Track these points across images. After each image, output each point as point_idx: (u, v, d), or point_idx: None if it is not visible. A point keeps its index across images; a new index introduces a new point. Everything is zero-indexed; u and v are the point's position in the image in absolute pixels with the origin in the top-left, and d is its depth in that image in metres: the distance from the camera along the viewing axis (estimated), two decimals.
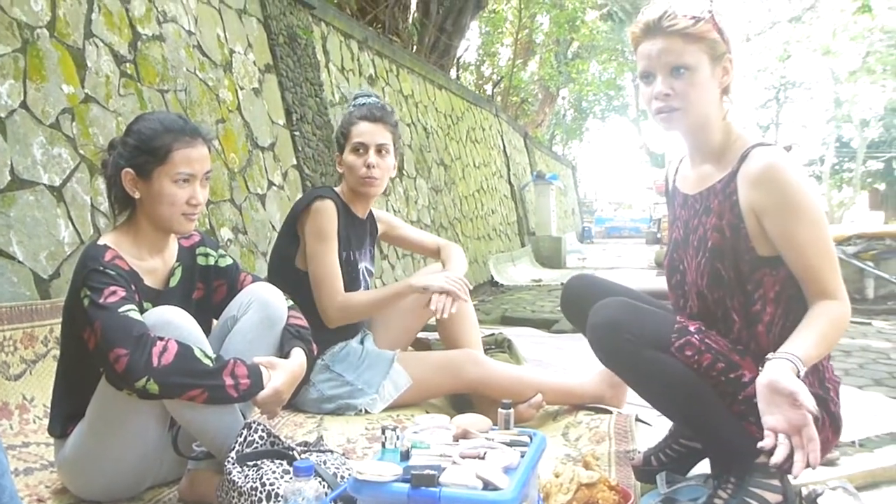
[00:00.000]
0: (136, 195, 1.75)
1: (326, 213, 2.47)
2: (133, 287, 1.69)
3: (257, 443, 1.63)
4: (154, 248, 1.81)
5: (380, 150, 2.56)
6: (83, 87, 3.04)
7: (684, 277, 1.77)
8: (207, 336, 1.75)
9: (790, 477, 1.51)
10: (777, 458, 1.40)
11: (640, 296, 1.85)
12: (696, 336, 1.62)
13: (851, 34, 23.54)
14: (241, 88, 4.36)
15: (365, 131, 2.55)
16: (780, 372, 1.43)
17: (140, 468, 1.74)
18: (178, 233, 1.81)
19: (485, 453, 1.38)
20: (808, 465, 1.40)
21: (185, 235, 1.87)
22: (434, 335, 2.86)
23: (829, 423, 1.61)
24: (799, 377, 1.43)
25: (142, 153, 1.72)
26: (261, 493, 1.49)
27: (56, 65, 2.92)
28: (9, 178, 2.58)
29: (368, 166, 2.54)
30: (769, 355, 1.49)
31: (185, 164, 1.72)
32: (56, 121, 2.85)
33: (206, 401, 1.59)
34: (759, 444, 1.43)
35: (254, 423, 1.66)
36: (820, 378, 1.63)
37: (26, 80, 2.74)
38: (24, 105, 2.71)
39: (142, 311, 1.64)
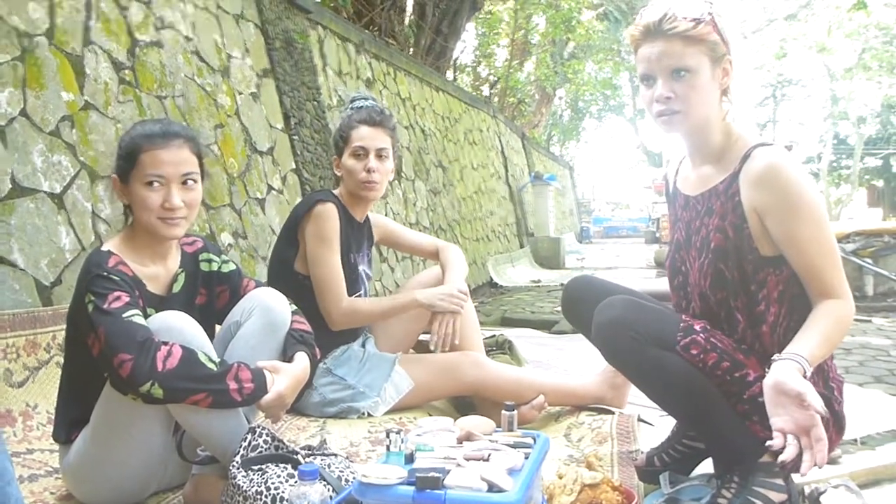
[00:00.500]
0: (126, 201, 1.76)
1: (329, 217, 2.48)
2: (137, 292, 1.69)
3: (262, 447, 1.63)
4: (155, 253, 1.81)
5: (380, 154, 2.57)
6: (82, 94, 3.05)
7: (687, 279, 1.77)
8: (211, 341, 1.76)
9: (796, 475, 1.52)
10: (786, 456, 1.40)
11: (642, 296, 1.86)
12: (701, 335, 1.62)
13: (847, 31, 23.60)
14: (239, 93, 4.37)
15: (365, 135, 2.56)
16: (786, 373, 1.43)
17: (144, 473, 1.74)
18: (163, 238, 1.77)
19: (489, 455, 1.39)
20: (815, 465, 1.40)
21: (170, 239, 1.80)
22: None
23: (833, 422, 1.62)
24: (805, 377, 1.43)
25: (120, 159, 1.74)
26: (266, 497, 1.50)
27: (55, 72, 2.92)
28: (9, 185, 2.58)
29: (369, 171, 2.54)
30: (775, 356, 1.49)
31: (152, 166, 1.70)
32: (56, 128, 2.85)
33: (210, 405, 1.59)
34: (768, 443, 1.43)
35: (258, 427, 1.66)
36: (824, 377, 1.64)
37: (25, 88, 2.75)
38: (23, 113, 2.72)
39: (145, 316, 1.64)
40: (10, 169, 2.60)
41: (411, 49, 9.50)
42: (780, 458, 1.41)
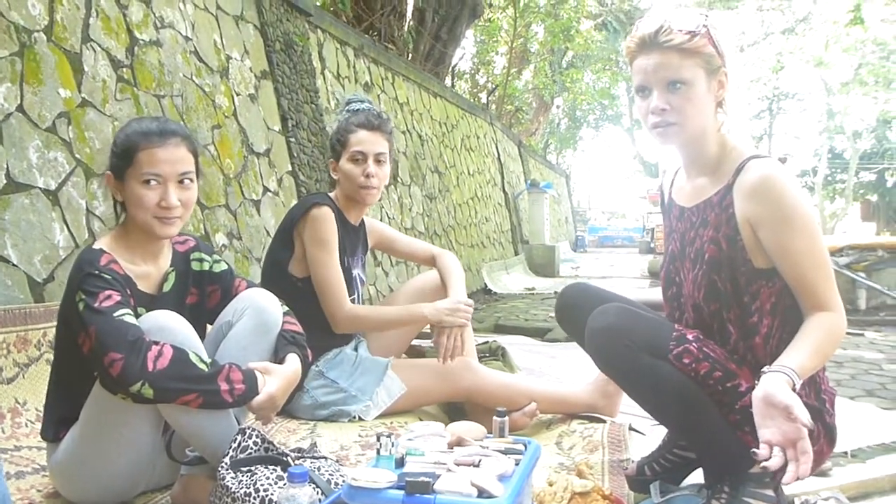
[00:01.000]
0: (120, 198, 1.75)
1: (327, 220, 2.47)
2: (128, 291, 1.69)
3: (251, 448, 1.63)
4: (147, 252, 1.80)
5: (378, 159, 2.57)
6: (80, 91, 3.04)
7: (680, 290, 1.77)
8: (202, 341, 1.75)
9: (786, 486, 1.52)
10: (769, 465, 1.40)
11: (637, 304, 1.86)
12: (694, 344, 1.63)
13: (844, 46, 23.67)
14: (238, 94, 4.37)
15: (364, 140, 2.55)
16: (775, 385, 1.43)
17: (133, 473, 1.73)
18: (158, 236, 1.76)
19: (479, 461, 1.39)
20: (798, 477, 1.40)
21: (165, 238, 1.80)
22: (428, 342, 2.87)
23: (824, 434, 1.62)
24: (794, 390, 1.43)
25: (115, 156, 1.73)
26: (254, 499, 1.49)
27: (53, 69, 2.92)
28: (4, 181, 2.57)
29: (367, 175, 2.54)
30: (764, 368, 1.49)
31: (150, 164, 1.69)
32: (52, 125, 2.85)
33: (200, 405, 1.59)
34: (752, 450, 1.43)
35: (248, 428, 1.65)
36: (816, 390, 1.64)
37: (23, 84, 2.74)
38: (20, 109, 2.71)
39: (136, 315, 1.64)
40: (5, 164, 2.59)
41: (410, 55, 9.52)
42: (763, 464, 1.41)
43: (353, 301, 2.61)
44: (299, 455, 1.68)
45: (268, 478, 1.54)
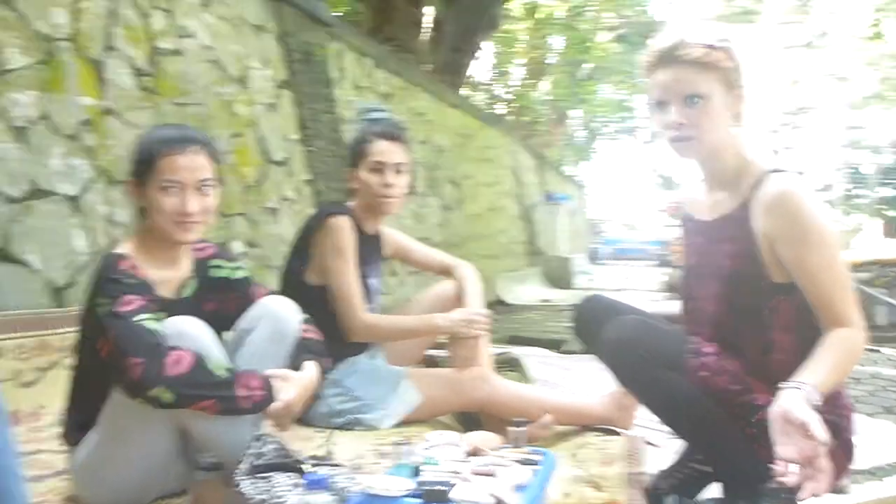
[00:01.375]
0: (140, 204, 1.77)
1: (344, 230, 2.48)
2: (148, 296, 1.70)
3: (268, 455, 1.63)
4: (166, 257, 1.81)
5: (398, 169, 2.58)
6: (102, 99, 3.08)
7: (698, 304, 1.76)
8: None
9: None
10: (787, 483, 1.39)
11: (654, 317, 1.85)
12: (711, 357, 1.62)
13: (864, 60, 23.56)
14: (257, 104, 4.40)
15: (384, 150, 2.56)
16: (792, 401, 1.42)
17: (148, 478, 1.74)
18: (177, 242, 1.78)
19: (496, 471, 1.39)
20: (814, 495, 1.39)
21: (184, 244, 1.81)
22: (444, 353, 2.86)
23: (841, 451, 1.60)
24: (812, 406, 1.42)
25: (136, 162, 1.75)
26: None
27: (76, 77, 2.95)
28: (27, 187, 2.61)
29: (387, 186, 2.54)
30: (782, 384, 1.48)
31: (170, 171, 1.71)
32: (75, 132, 2.88)
33: (218, 412, 1.59)
34: (770, 467, 1.42)
35: (265, 435, 1.66)
36: (834, 405, 1.62)
37: (47, 92, 2.78)
38: (44, 116, 2.74)
39: (156, 321, 1.65)
40: (28, 171, 2.63)
41: (428, 66, 9.55)
42: (779, 480, 1.40)
43: (369, 311, 2.61)
44: (316, 462, 1.68)
45: (284, 485, 1.54)
